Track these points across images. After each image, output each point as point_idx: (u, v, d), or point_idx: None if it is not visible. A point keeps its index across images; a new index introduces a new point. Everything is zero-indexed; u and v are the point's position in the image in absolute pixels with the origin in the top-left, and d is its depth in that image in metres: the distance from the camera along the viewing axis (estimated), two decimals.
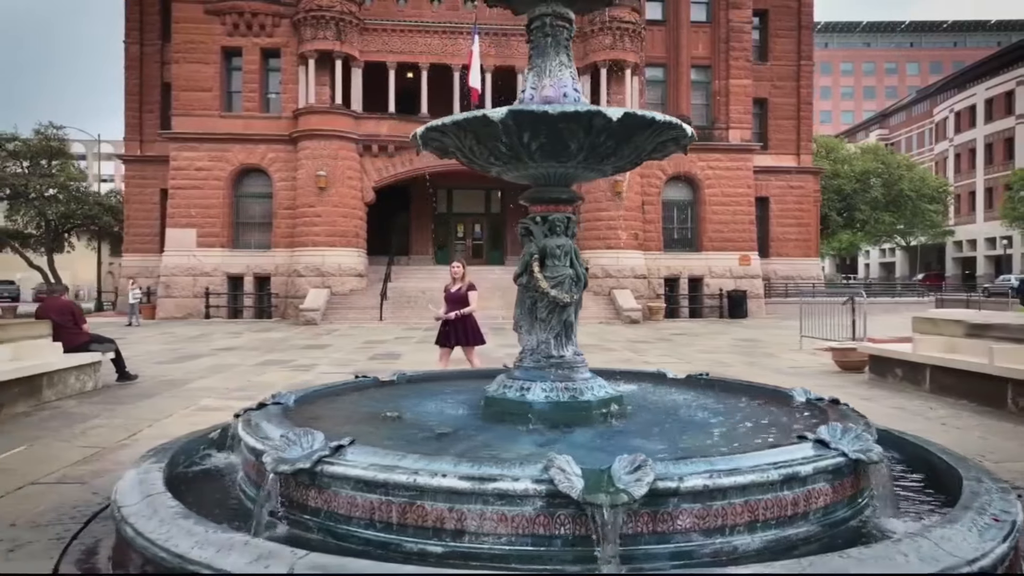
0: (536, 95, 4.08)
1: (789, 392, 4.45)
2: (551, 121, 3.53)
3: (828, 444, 2.97)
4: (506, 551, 2.55)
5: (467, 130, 3.76)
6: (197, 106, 23.62)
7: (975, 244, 58.69)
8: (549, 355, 4.09)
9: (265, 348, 13.76)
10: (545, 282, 4.02)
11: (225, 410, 6.83)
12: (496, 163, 4.02)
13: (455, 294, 7.84)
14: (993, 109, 57.07)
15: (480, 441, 3.47)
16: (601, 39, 23.63)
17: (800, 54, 28.78)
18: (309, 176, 22.99)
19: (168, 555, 2.49)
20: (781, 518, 2.75)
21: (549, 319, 4.09)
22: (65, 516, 3.74)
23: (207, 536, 2.52)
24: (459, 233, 29.24)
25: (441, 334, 8.00)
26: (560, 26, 4.12)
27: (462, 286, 7.84)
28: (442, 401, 4.51)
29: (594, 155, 3.81)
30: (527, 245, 4.24)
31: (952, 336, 7.69)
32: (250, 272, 23.54)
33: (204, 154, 23.47)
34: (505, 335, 17.10)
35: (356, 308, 22.04)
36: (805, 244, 29.01)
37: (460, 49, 24.19)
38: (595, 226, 23.86)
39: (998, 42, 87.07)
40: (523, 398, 3.91)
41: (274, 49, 24.00)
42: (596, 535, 2.43)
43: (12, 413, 6.44)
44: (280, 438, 3.08)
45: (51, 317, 7.76)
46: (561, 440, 3.46)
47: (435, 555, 2.60)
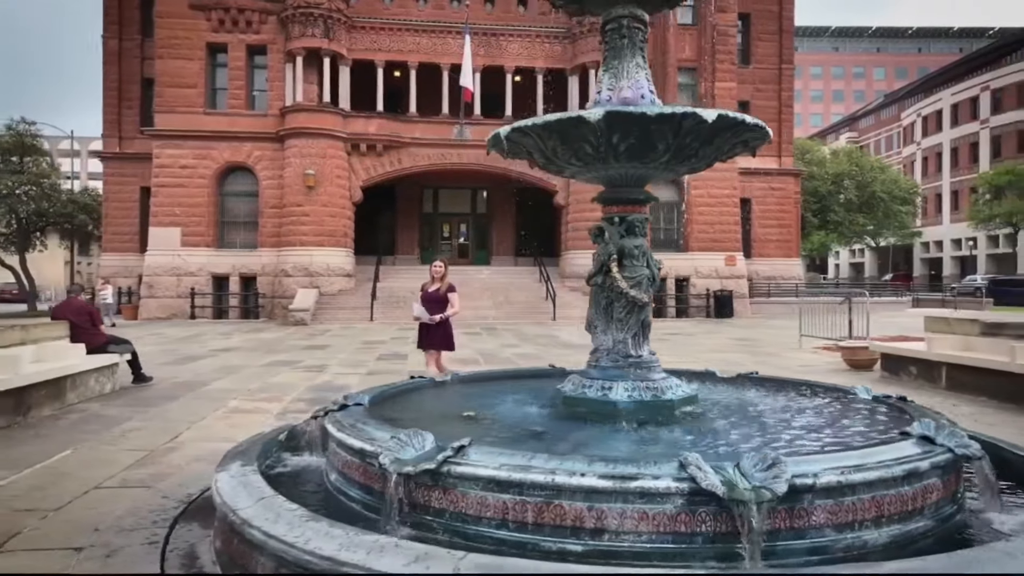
0: (614, 96, 4.10)
1: (851, 389, 4.55)
2: (645, 122, 3.56)
3: (934, 440, 3.05)
4: (648, 549, 2.57)
5: (553, 131, 3.78)
6: (181, 103, 23.20)
7: (941, 245, 60.24)
8: (627, 354, 4.13)
9: (264, 349, 13.58)
10: (624, 282, 4.05)
11: (257, 412, 6.77)
12: (575, 164, 4.04)
13: (434, 294, 7.40)
14: (959, 114, 58.62)
15: (577, 440, 3.48)
16: (590, 40, 23.76)
17: (781, 58, 29.27)
18: (297, 175, 22.73)
19: (314, 558, 2.45)
20: (902, 513, 2.81)
21: (627, 319, 4.12)
22: (146, 520, 3.67)
23: (352, 538, 2.50)
24: (445, 233, 29.16)
25: (420, 337, 7.57)
26: (636, 28, 4.15)
27: (441, 287, 7.42)
28: (511, 400, 4.51)
29: (678, 156, 3.85)
30: (601, 246, 4.27)
31: (967, 335, 7.90)
32: (236, 272, 23.20)
33: (188, 152, 23.07)
34: (499, 335, 17.13)
35: (346, 308, 21.86)
36: (786, 245, 29.50)
37: (449, 48, 24.13)
38: (584, 226, 23.80)
39: (960, 48, 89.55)
40: (606, 397, 3.94)
41: (260, 46, 23.68)
42: (741, 532, 2.47)
43: (39, 416, 6.28)
44: (391, 439, 3.07)
45: (68, 318, 7.58)
46: (656, 439, 3.49)
47: (575, 554, 2.61)
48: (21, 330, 6.61)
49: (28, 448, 5.14)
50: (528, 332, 17.96)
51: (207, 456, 4.97)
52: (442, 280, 7.41)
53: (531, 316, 21.78)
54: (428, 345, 7.48)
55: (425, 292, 7.45)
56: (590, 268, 4.33)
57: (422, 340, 7.52)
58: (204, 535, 3.49)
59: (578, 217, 24.13)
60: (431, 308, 7.31)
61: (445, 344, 7.55)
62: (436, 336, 7.40)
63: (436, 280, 7.42)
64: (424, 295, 7.43)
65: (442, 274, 7.41)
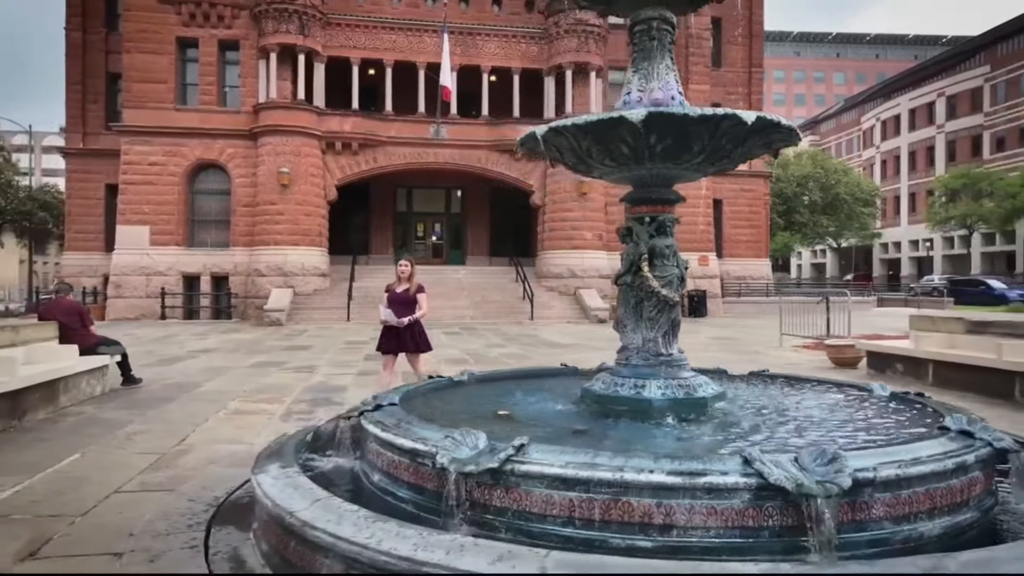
0: (644, 97, 4.14)
1: (868, 386, 4.67)
2: (685, 123, 3.60)
3: (973, 435, 3.15)
4: (716, 544, 2.61)
5: (590, 131, 3.79)
6: (150, 98, 22.67)
7: (900, 246, 61.98)
8: (658, 353, 4.17)
9: (245, 350, 13.35)
10: (656, 281, 4.10)
11: (259, 413, 6.68)
12: (607, 165, 4.06)
13: (402, 295, 6.94)
14: (916, 119, 60.42)
15: (620, 437, 3.51)
16: (567, 41, 23.88)
17: (751, 62, 29.78)
18: (271, 173, 22.39)
19: (391, 559, 2.44)
20: (952, 505, 2.89)
21: (658, 318, 4.17)
22: (179, 524, 3.60)
23: (426, 538, 2.48)
24: (419, 232, 29.00)
25: (384, 339, 7.02)
26: (665, 29, 4.19)
27: (410, 287, 6.98)
28: (538, 399, 4.52)
29: (712, 157, 3.90)
30: (630, 245, 4.31)
31: (952, 333, 8.15)
32: (207, 271, 22.75)
33: (158, 148, 22.56)
34: (481, 335, 17.11)
35: (322, 308, 21.61)
36: (756, 245, 30.02)
37: (426, 47, 24.02)
38: (560, 226, 24.09)
39: (915, 56, 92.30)
40: (639, 395, 3.98)
41: (232, 41, 23.27)
42: (809, 525, 2.53)
43: (34, 420, 6.09)
44: (446, 439, 3.06)
45: (57, 318, 7.35)
46: (699, 435, 3.53)
47: (644, 550, 2.63)
48: (11, 331, 6.39)
49: (34, 452, 4.98)
50: (509, 332, 17.98)
51: (222, 458, 4.89)
52: (410, 280, 7.02)
53: (509, 316, 21.80)
54: (399, 348, 7.01)
55: (392, 293, 7.01)
56: (618, 268, 4.37)
57: (387, 343, 6.98)
58: (243, 538, 3.44)
59: (555, 217, 24.23)
60: (399, 310, 6.86)
61: (420, 346, 7.15)
62: (408, 339, 6.97)
63: (403, 280, 7.02)
64: (391, 296, 6.98)
65: (409, 274, 7.02)
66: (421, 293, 7.06)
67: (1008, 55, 53.54)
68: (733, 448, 3.22)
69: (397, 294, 6.95)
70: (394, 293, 6.98)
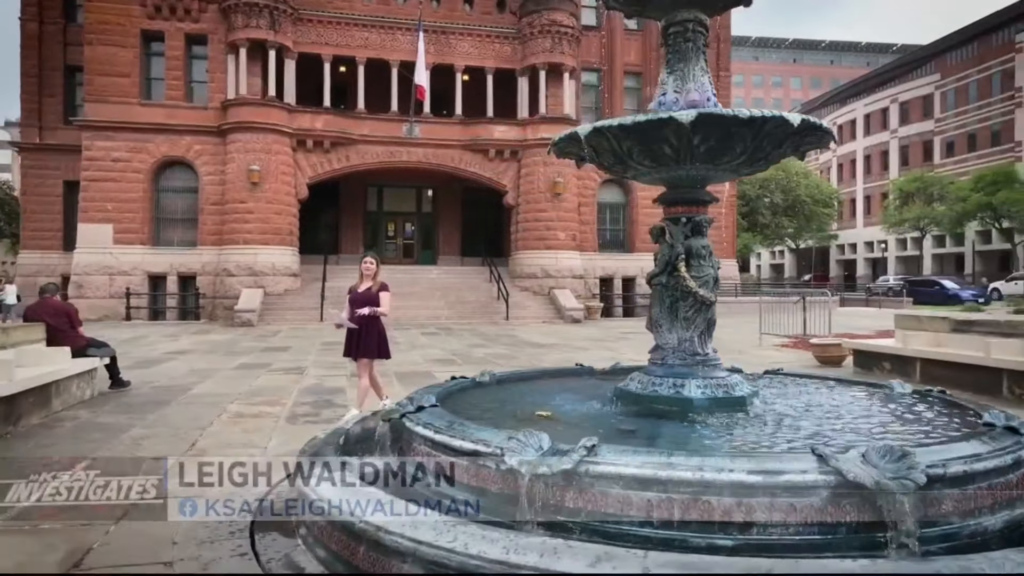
0: (681, 99, 4.17)
1: (887, 383, 4.77)
2: (731, 124, 3.64)
3: (1018, 431, 3.25)
4: (796, 541, 2.63)
5: (634, 132, 3.80)
6: (113, 92, 21.97)
7: (855, 247, 63.72)
8: (694, 352, 4.20)
9: (222, 351, 13.05)
10: (693, 281, 4.13)
11: (263, 416, 6.55)
12: (646, 165, 4.07)
13: (364, 294, 6.39)
14: (871, 124, 62.24)
15: (671, 436, 3.52)
16: (541, 42, 23.93)
17: (719, 65, 30.21)
18: (240, 170, 21.92)
19: (483, 562, 2.41)
20: (1010, 499, 2.97)
21: (694, 318, 4.20)
22: (220, 532, 3.51)
23: (515, 540, 2.46)
24: (390, 232, 28.74)
25: (348, 345, 6.53)
26: (699, 32, 4.23)
27: (373, 285, 6.45)
28: (569, 399, 4.51)
29: (752, 158, 3.94)
30: (664, 246, 4.34)
31: (937, 332, 8.41)
32: (174, 271, 22.16)
33: (122, 144, 21.88)
34: (460, 335, 17.01)
35: (293, 309, 21.25)
36: (723, 246, 30.49)
37: (399, 44, 23.81)
38: (535, 227, 24.13)
39: (867, 62, 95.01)
40: (679, 394, 4.00)
41: (200, 35, 22.72)
42: (887, 521, 2.57)
43: (29, 425, 5.85)
44: (510, 440, 3.02)
45: (44, 319, 7.06)
46: (749, 433, 3.55)
47: (725, 548, 2.64)
48: (1, 333, 6.12)
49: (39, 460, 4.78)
50: (488, 332, 17.93)
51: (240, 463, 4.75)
52: (373, 278, 6.48)
53: (484, 316, 21.75)
54: (362, 353, 6.38)
55: (354, 292, 6.48)
56: (652, 268, 4.40)
57: (351, 347, 6.46)
58: (292, 544, 3.35)
59: (529, 218, 24.25)
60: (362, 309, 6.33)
61: (381, 351, 6.50)
62: (370, 342, 6.35)
63: (367, 278, 6.50)
64: (353, 296, 6.46)
65: (373, 272, 6.48)
66: (384, 291, 6.45)
67: (957, 64, 55.53)
68: (788, 446, 3.27)
69: (359, 293, 6.42)
70: (356, 292, 6.46)
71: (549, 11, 23.79)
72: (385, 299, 6.41)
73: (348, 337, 6.47)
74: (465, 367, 10.71)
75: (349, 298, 6.50)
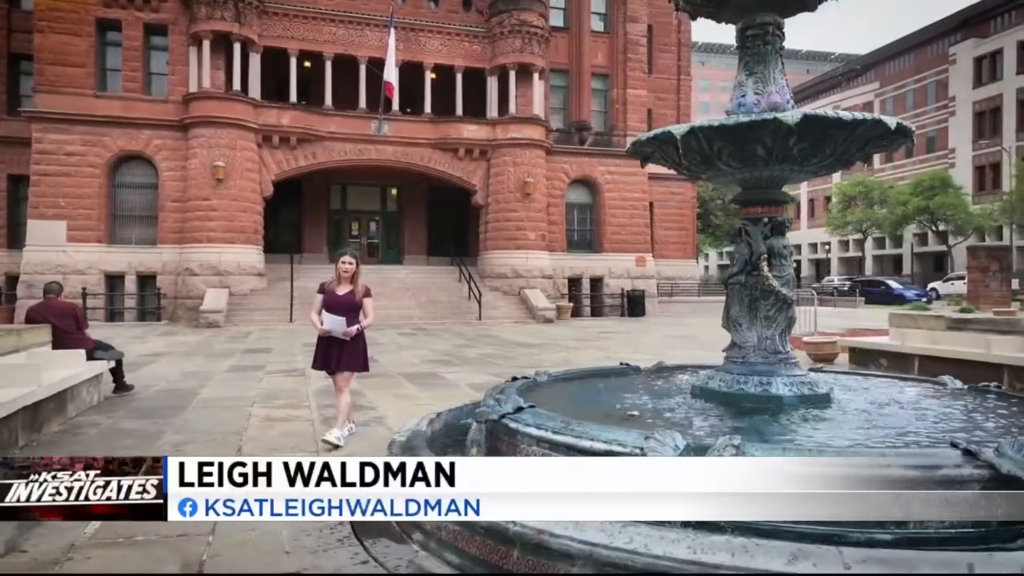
0: (762, 101, 4.22)
1: (939, 379, 4.94)
2: (830, 126, 3.71)
3: None
4: (952, 534, 2.70)
5: (730, 133, 3.83)
6: (66, 83, 20.96)
7: (800, 248, 65.82)
8: (776, 350, 4.27)
9: (203, 354, 12.60)
10: (776, 281, 4.19)
11: (294, 420, 6.39)
12: (732, 166, 4.11)
13: (345, 299, 5.49)
14: None
15: (777, 432, 3.57)
16: (511, 42, 23.91)
17: (680, 70, 30.86)
18: (204, 166, 21.21)
19: (673, 563, 2.40)
20: None
21: (776, 316, 4.26)
22: (326, 540, 3.42)
23: (700, 540, 2.45)
24: (354, 231, 28.25)
25: (323, 356, 5.63)
26: (777, 35, 4.29)
27: (356, 290, 5.56)
28: (645, 397, 4.52)
29: (839, 159, 4.04)
30: (741, 246, 4.38)
31: (932, 330, 8.75)
32: (132, 270, 21.28)
33: (76, 137, 20.89)
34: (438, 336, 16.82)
35: (261, 309, 20.68)
36: (684, 247, 31.15)
37: (367, 40, 23.45)
38: (505, 227, 24.10)
39: (807, 70, 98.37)
40: (767, 392, 4.06)
41: (159, 25, 21.88)
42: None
43: (50, 432, 5.53)
44: (649, 440, 3.03)
45: (50, 321, 6.67)
46: (859, 428, 3.60)
47: (884, 543, 2.69)
48: (15, 335, 5.76)
49: None
50: (465, 332, 17.83)
51: None
52: (353, 281, 5.57)
53: (457, 316, 21.61)
54: (345, 365, 5.59)
55: (331, 295, 5.52)
56: (731, 268, 4.44)
57: (327, 359, 5.59)
58: (409, 550, 3.25)
59: (499, 217, 24.21)
60: (340, 315, 5.43)
61: (362, 363, 5.71)
62: (351, 353, 5.57)
63: (345, 280, 5.55)
64: (330, 299, 5.50)
65: (352, 273, 5.55)
66: (368, 298, 5.62)
67: (895, 73, 58.00)
68: (909, 440, 3.35)
69: (339, 297, 5.49)
70: (333, 295, 5.50)
71: (519, 11, 23.80)
72: (369, 306, 5.63)
73: (324, 346, 5.59)
74: (465, 368, 10.63)
75: (324, 300, 5.53)
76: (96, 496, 2.51)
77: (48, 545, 3.21)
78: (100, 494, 2.53)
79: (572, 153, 25.69)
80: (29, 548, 3.18)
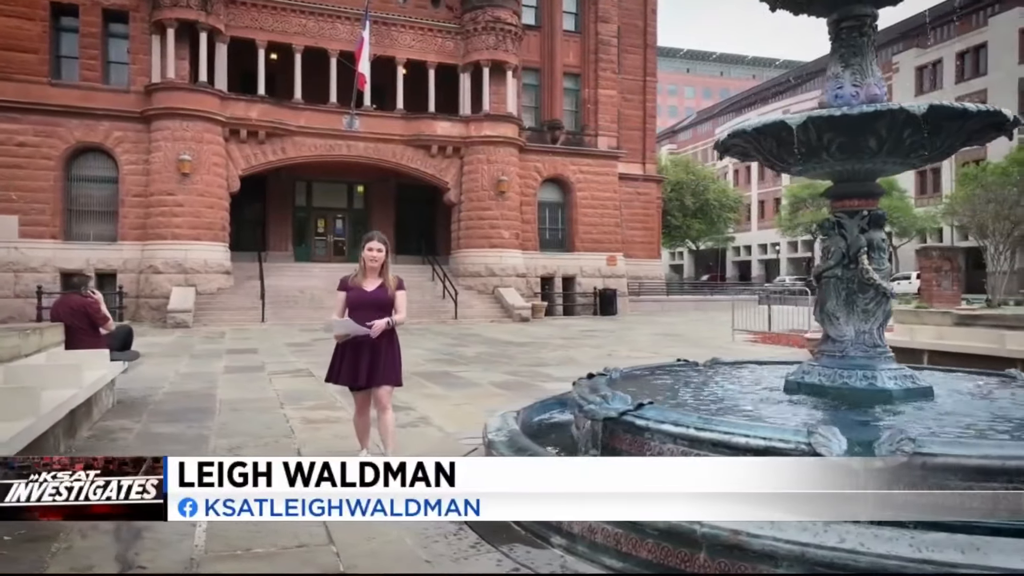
0: (861, 93, 4.19)
1: (1007, 372, 5.02)
2: (951, 117, 3.70)
3: None
4: None
5: (846, 124, 3.78)
6: (17, 69, 19.81)
7: (750, 249, 67.52)
8: (875, 344, 4.24)
9: (186, 354, 12.02)
10: (876, 273, 4.16)
11: (333, 422, 6.07)
12: (834, 158, 4.06)
13: (375, 295, 4.44)
14: None
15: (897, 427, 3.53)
16: (484, 39, 23.72)
17: (646, 71, 31.18)
18: (168, 160, 20.35)
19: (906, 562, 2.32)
20: None
21: (875, 310, 4.23)
22: (457, 545, 3.19)
23: (920, 538, 2.37)
24: (319, 229, 27.57)
25: (348, 366, 4.42)
26: (873, 27, 4.28)
27: (387, 283, 4.50)
28: (737, 393, 4.45)
29: (942, 152, 4.04)
30: (835, 239, 4.34)
31: (940, 325, 8.98)
32: (90, 268, 20.16)
33: (28, 127, 19.77)
34: (422, 336, 16.53)
35: (230, 308, 19.96)
36: (650, 246, 31.46)
37: (338, 33, 22.93)
38: (479, 225, 23.89)
39: (753, 75, 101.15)
40: (873, 386, 4.03)
41: (119, 12, 20.91)
42: None
43: (83, 438, 5.13)
44: (811, 435, 2.94)
45: (61, 319, 6.20)
46: (994, 420, 3.60)
47: None
48: (38, 335, 5.33)
49: None
50: (447, 331, 17.59)
51: None
52: (383, 273, 4.52)
53: (433, 315, 21.31)
54: (379, 378, 4.42)
55: (357, 291, 4.45)
56: (826, 261, 4.39)
57: (355, 371, 4.40)
58: (552, 556, 3.09)
59: (472, 215, 23.99)
60: (367, 317, 4.33)
61: (396, 375, 4.58)
62: (389, 363, 4.48)
63: (372, 272, 4.49)
64: (356, 296, 4.44)
65: (381, 262, 4.49)
66: (401, 290, 4.55)
67: None
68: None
69: (368, 294, 4.43)
70: (360, 291, 4.44)
71: (493, 8, 23.64)
72: (403, 302, 4.53)
73: (351, 355, 4.39)
74: (474, 367, 10.46)
75: (348, 297, 4.46)
76: (96, 496, 2.39)
77: (165, 560, 2.93)
78: (100, 494, 2.40)
79: (544, 152, 25.66)
80: (147, 563, 2.89)
